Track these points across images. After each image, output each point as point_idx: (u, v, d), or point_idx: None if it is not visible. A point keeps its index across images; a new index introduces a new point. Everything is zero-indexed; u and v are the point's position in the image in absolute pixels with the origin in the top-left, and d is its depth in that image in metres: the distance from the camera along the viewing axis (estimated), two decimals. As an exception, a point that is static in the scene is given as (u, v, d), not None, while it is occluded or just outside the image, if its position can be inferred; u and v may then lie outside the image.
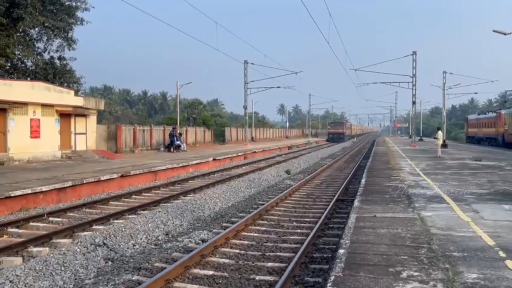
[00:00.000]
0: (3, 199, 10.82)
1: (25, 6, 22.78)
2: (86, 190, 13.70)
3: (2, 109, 18.23)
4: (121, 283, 6.19)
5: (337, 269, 4.78)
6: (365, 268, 4.84)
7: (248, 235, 9.00)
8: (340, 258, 5.21)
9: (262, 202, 13.04)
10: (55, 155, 20.99)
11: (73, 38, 26.75)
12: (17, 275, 6.40)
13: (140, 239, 8.93)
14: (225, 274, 6.61)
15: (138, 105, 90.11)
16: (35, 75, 25.16)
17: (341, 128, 71.91)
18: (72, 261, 7.26)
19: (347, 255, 5.33)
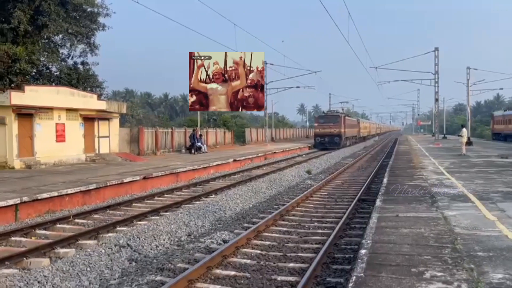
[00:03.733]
0: (31, 201, 11.14)
1: (49, 14, 23.35)
2: (110, 192, 13.96)
3: (29, 114, 18.76)
4: (145, 283, 6.30)
5: (359, 269, 4.76)
6: (387, 268, 4.79)
7: (269, 236, 9.03)
8: (362, 258, 5.18)
9: (283, 202, 13.04)
10: (79, 158, 21.47)
11: (95, 43, 27.26)
12: (44, 275, 6.58)
13: (163, 240, 9.05)
14: (247, 274, 6.65)
15: (160, 107, 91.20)
16: (59, 80, 25.75)
17: (335, 125, 40.07)
18: (97, 262, 7.42)
19: (368, 255, 5.29)
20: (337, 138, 39.43)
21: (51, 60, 25.30)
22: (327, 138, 39.41)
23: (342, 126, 40.35)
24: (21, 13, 22.18)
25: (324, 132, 39.77)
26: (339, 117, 40.75)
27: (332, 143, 39.16)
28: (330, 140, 39.37)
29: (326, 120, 40.50)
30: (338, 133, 39.57)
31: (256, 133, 49.49)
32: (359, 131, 54.57)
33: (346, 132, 42.78)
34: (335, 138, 39.35)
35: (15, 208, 10.68)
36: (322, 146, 39.50)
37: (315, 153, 34.55)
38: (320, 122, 40.98)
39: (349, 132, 45.58)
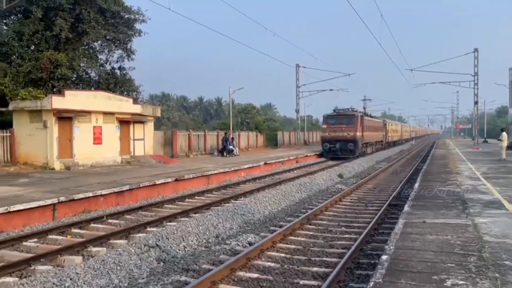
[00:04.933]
0: (68, 201, 11.65)
1: (89, 21, 24.34)
2: (142, 194, 14.37)
3: (68, 118, 19.61)
4: (170, 283, 6.48)
5: (378, 275, 4.72)
6: (407, 275, 4.73)
7: (295, 239, 9.05)
8: (382, 264, 5.13)
9: (311, 206, 13.01)
10: (115, 160, 22.19)
11: (132, 49, 28.12)
12: (77, 273, 6.87)
13: (191, 241, 9.24)
14: (270, 277, 6.71)
15: (195, 111, 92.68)
16: (98, 85, 26.74)
17: (348, 127, 31.58)
18: (127, 261, 7.67)
19: (390, 261, 5.23)
20: (351, 144, 30.59)
21: (90, 65, 26.34)
22: (339, 144, 30.77)
23: (359, 128, 31.57)
24: (62, 21, 23.23)
25: (334, 137, 31.26)
26: (355, 117, 31.69)
27: (345, 151, 30.84)
28: (342, 147, 30.83)
29: (337, 121, 31.90)
30: (353, 137, 30.89)
31: (289, 136, 49.41)
32: (385, 135, 44.85)
33: (365, 137, 33.73)
34: (348, 144, 30.61)
35: (53, 207, 11.20)
36: (332, 154, 31.22)
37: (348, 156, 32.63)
38: (330, 124, 32.19)
39: (370, 137, 36.01)
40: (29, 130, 19.34)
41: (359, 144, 31.74)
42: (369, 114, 41.16)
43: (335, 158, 30.57)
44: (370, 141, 36.50)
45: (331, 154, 31.40)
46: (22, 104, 19.53)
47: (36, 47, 23.99)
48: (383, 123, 44.85)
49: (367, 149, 35.31)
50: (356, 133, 31.22)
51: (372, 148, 37.94)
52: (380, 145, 42.42)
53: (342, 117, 32.14)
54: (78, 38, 25.48)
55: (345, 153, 30.88)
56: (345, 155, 30.59)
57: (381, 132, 42.78)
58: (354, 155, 30.98)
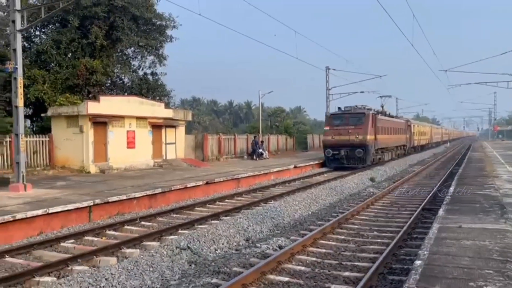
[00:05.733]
0: (103, 204, 11.99)
1: (123, 29, 25.06)
2: (174, 197, 14.61)
3: (103, 123, 20.19)
4: (201, 285, 6.56)
5: (411, 281, 4.62)
6: (442, 281, 4.60)
7: (326, 243, 8.96)
8: (416, 269, 5.01)
9: (342, 210, 12.86)
10: (148, 163, 22.66)
11: (163, 54, 28.74)
12: (111, 273, 7.05)
13: (222, 244, 9.31)
14: (300, 281, 6.67)
15: (225, 114, 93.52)
16: (131, 90, 27.45)
17: (357, 128, 25.39)
18: (159, 262, 7.81)
19: (423, 266, 5.11)
20: (360, 151, 24.35)
21: (124, 71, 27.10)
22: (344, 150, 24.77)
23: (370, 129, 25.18)
24: (97, 29, 24.02)
25: (339, 141, 25.03)
26: (365, 116, 25.28)
27: (352, 159, 24.88)
28: (349, 154, 24.82)
29: (343, 121, 25.75)
30: (363, 141, 24.56)
31: (319, 139, 49.01)
32: (409, 138, 38.27)
33: (380, 140, 27.20)
34: (357, 151, 24.41)
35: (89, 209, 11.55)
36: (336, 163, 25.46)
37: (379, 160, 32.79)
38: (334, 124, 25.96)
39: (387, 140, 29.52)
40: (66, 135, 20.03)
41: (371, 150, 25.21)
42: (388, 113, 33.62)
43: (339, 168, 25.03)
44: (388, 146, 29.89)
45: (335, 163, 25.47)
46: (59, 110, 20.26)
47: (73, 55, 24.89)
48: (406, 124, 37.60)
49: (384, 156, 28.89)
50: (366, 136, 24.63)
51: (391, 154, 31.40)
52: (403, 150, 35.64)
53: (348, 116, 25.73)
54: (112, 45, 26.27)
55: (352, 161, 24.92)
56: (353, 164, 24.80)
57: (404, 134, 35.87)
58: (364, 163, 24.78)
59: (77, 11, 23.81)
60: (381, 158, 28.42)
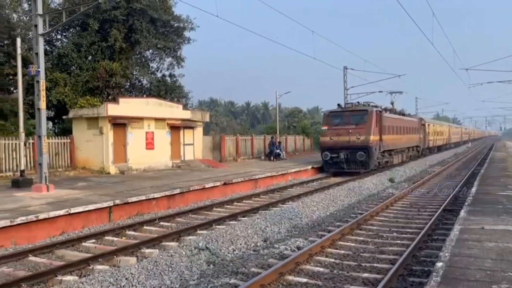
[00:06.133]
0: (123, 204, 12.16)
1: (141, 31, 25.39)
2: (192, 197, 14.71)
3: (122, 124, 20.49)
4: (219, 285, 6.58)
5: (432, 283, 4.55)
6: (464, 283, 4.52)
7: (345, 245, 8.90)
8: (437, 271, 4.93)
9: (361, 211, 12.75)
10: (166, 164, 22.88)
11: (181, 56, 29.01)
12: (131, 273, 7.14)
13: (240, 244, 9.33)
14: (319, 282, 6.64)
15: (242, 115, 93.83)
16: (149, 92, 27.79)
17: (358, 128, 22.51)
18: (178, 262, 7.87)
19: (445, 268, 5.02)
20: (361, 154, 21.64)
21: (142, 73, 27.45)
22: (344, 153, 22.03)
23: (374, 129, 22.29)
24: (117, 32, 24.39)
25: (337, 142, 22.43)
26: (368, 114, 22.53)
27: (353, 163, 22.14)
28: (349, 157, 22.05)
29: (342, 120, 23.02)
30: (365, 142, 21.80)
31: (337, 139, 48.65)
32: (423, 138, 35.36)
33: (387, 141, 24.18)
34: (358, 154, 21.66)
35: (109, 210, 11.73)
36: (335, 167, 22.78)
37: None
38: (333, 124, 23.23)
39: (396, 141, 26.59)
40: (87, 136, 20.39)
41: (374, 152, 22.25)
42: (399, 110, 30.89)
43: (339, 173, 22.45)
44: (397, 147, 26.88)
45: (334, 168, 22.78)
46: (80, 112, 20.64)
47: (93, 58, 25.34)
48: (420, 123, 34.65)
49: (392, 158, 25.99)
50: (369, 137, 21.82)
51: (401, 156, 28.31)
52: (415, 151, 32.91)
53: (349, 114, 22.96)
54: (131, 47, 26.64)
55: (353, 165, 22.17)
56: (354, 169, 22.10)
57: (417, 134, 32.94)
58: (367, 168, 22.08)
59: (97, 14, 24.23)
60: (389, 161, 25.45)
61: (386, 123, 24.19)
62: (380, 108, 24.22)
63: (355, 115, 22.86)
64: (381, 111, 23.85)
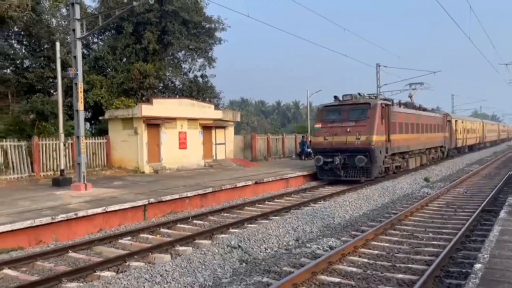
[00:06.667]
0: (157, 203, 12.44)
1: (173, 33, 25.86)
2: (224, 196, 14.86)
3: (156, 124, 20.93)
4: (252, 283, 6.63)
5: (470, 284, 4.43)
6: (504, 286, 4.37)
7: (378, 245, 8.76)
8: (476, 273, 4.79)
9: (395, 211, 12.51)
10: (199, 163, 23.20)
11: (212, 57, 29.33)
12: (166, 270, 7.29)
13: (272, 243, 9.36)
14: (352, 282, 6.58)
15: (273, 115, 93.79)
16: (182, 92, 28.25)
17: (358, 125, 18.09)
18: (211, 260, 7.98)
19: (484, 270, 4.87)
20: (361, 158, 17.55)
21: (175, 74, 27.94)
22: (340, 157, 17.94)
23: (378, 127, 17.99)
24: (150, 34, 24.94)
25: (332, 144, 18.40)
26: (370, 108, 18.25)
27: (351, 169, 18.10)
28: (348, 162, 17.99)
29: (339, 116, 18.90)
30: (366, 144, 17.69)
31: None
32: (449, 137, 30.93)
33: (397, 142, 19.98)
34: (357, 158, 17.61)
35: (144, 208, 12.03)
36: (329, 175, 18.75)
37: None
38: (328, 121, 19.16)
39: (410, 141, 21.89)
40: (122, 137, 20.96)
41: (379, 156, 18.04)
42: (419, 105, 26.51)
43: (334, 182, 18.65)
44: (412, 148, 22.53)
45: (329, 175, 18.72)
46: (116, 113, 21.23)
47: (127, 60, 26.00)
48: (444, 120, 29.91)
49: (407, 162, 21.79)
50: (371, 137, 17.58)
51: (419, 159, 23.95)
52: (439, 152, 28.68)
53: (348, 109, 18.73)
54: (164, 49, 27.18)
55: (352, 172, 18.09)
56: (352, 177, 18.06)
57: (440, 132, 28.47)
58: (369, 176, 17.92)
59: (131, 17, 24.85)
60: (402, 166, 21.38)
61: (396, 119, 20.00)
62: (387, 101, 19.79)
63: (354, 109, 18.66)
64: (388, 104, 19.40)
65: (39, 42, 24.33)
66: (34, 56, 24.14)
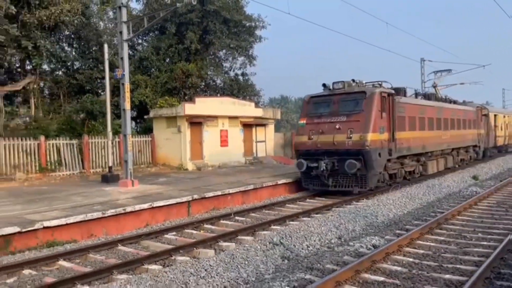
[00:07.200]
0: (200, 199, 12.73)
1: (215, 32, 26.26)
2: (265, 193, 14.98)
3: (198, 123, 21.37)
4: (295, 280, 6.67)
5: (524, 287, 4.25)
6: (561, 289, 4.17)
7: (424, 244, 8.55)
8: (529, 275, 4.60)
9: (441, 210, 12.13)
10: (239, 161, 23.45)
11: (253, 55, 29.53)
12: (210, 265, 7.47)
13: (314, 241, 9.35)
14: (397, 281, 6.48)
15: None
16: (223, 91, 28.66)
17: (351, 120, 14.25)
18: (253, 256, 8.08)
19: (538, 273, 4.67)
20: (352, 162, 13.92)
21: (216, 73, 28.39)
22: (326, 161, 14.38)
23: (376, 122, 14.27)
24: (192, 34, 25.45)
25: (317, 144, 14.88)
26: (366, 98, 14.51)
27: (342, 177, 14.58)
28: (335, 168, 14.40)
29: (329, 108, 15.29)
30: (359, 144, 14.05)
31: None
32: (485, 134, 26.17)
33: (407, 141, 16.27)
34: (347, 163, 13.98)
35: (187, 204, 12.35)
36: (315, 183, 15.15)
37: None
38: (314, 115, 15.62)
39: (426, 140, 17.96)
40: (166, 135, 21.55)
41: (377, 159, 14.25)
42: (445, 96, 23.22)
43: (321, 193, 15.27)
44: (432, 148, 18.62)
45: (314, 184, 15.13)
46: (160, 112, 21.86)
47: (170, 60, 26.67)
48: (479, 114, 25.23)
49: (425, 166, 18.03)
50: (366, 135, 13.93)
51: (444, 162, 19.98)
52: (472, 152, 24.50)
53: (337, 99, 15.09)
54: (206, 48, 27.66)
55: (342, 181, 14.54)
56: (343, 187, 14.56)
57: (473, 129, 23.99)
58: (364, 186, 14.29)
59: (174, 18, 25.46)
60: (417, 171, 17.68)
61: (405, 112, 16.17)
62: (384, 89, 15.22)
63: (346, 100, 14.89)
64: (392, 94, 15.23)
65: (88, 44, 25.44)
66: (83, 58, 25.28)
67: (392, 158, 15.34)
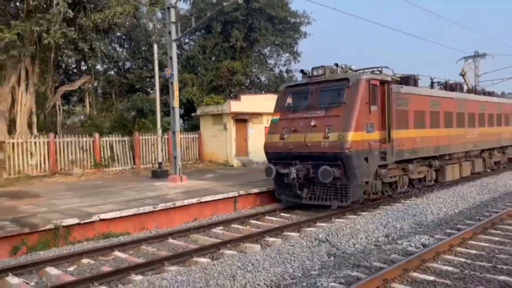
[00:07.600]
0: (246, 195, 12.94)
1: (259, 29, 26.44)
2: (311, 190, 14.93)
3: (243, 120, 21.64)
4: (342, 277, 6.68)
5: None
6: None
7: (477, 244, 8.26)
8: None
9: (496, 210, 11.62)
10: (285, 158, 23.49)
11: (297, 51, 29.45)
12: (257, 259, 7.60)
13: (360, 238, 9.25)
14: (447, 281, 6.32)
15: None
16: (267, 88, 28.79)
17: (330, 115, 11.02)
18: (299, 252, 8.14)
19: None
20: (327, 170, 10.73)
21: (261, 70, 28.56)
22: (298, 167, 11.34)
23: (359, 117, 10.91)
24: (237, 32, 25.76)
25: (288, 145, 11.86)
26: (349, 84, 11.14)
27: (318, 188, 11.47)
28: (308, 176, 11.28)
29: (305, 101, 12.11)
30: (338, 146, 10.72)
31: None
32: None
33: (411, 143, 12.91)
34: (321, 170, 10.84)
35: (234, 200, 12.60)
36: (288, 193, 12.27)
37: None
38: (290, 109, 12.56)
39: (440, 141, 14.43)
40: (212, 132, 22.00)
41: (363, 165, 11.16)
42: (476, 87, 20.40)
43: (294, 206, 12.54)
44: (451, 150, 15.32)
45: (288, 194, 12.36)
46: (206, 109, 22.34)
47: (216, 58, 27.15)
48: None
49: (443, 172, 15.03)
50: (346, 134, 10.78)
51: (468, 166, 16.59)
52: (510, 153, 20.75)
53: (316, 89, 12.03)
54: (251, 46, 27.90)
55: (319, 192, 11.56)
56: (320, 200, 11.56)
57: (507, 126, 20.06)
58: (345, 200, 11.19)
59: (219, 17, 25.88)
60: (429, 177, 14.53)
61: (408, 105, 12.93)
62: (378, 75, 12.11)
63: (326, 90, 11.78)
64: (387, 81, 11.90)
65: (138, 45, 26.41)
66: (133, 58, 26.27)
67: (389, 163, 12.18)
